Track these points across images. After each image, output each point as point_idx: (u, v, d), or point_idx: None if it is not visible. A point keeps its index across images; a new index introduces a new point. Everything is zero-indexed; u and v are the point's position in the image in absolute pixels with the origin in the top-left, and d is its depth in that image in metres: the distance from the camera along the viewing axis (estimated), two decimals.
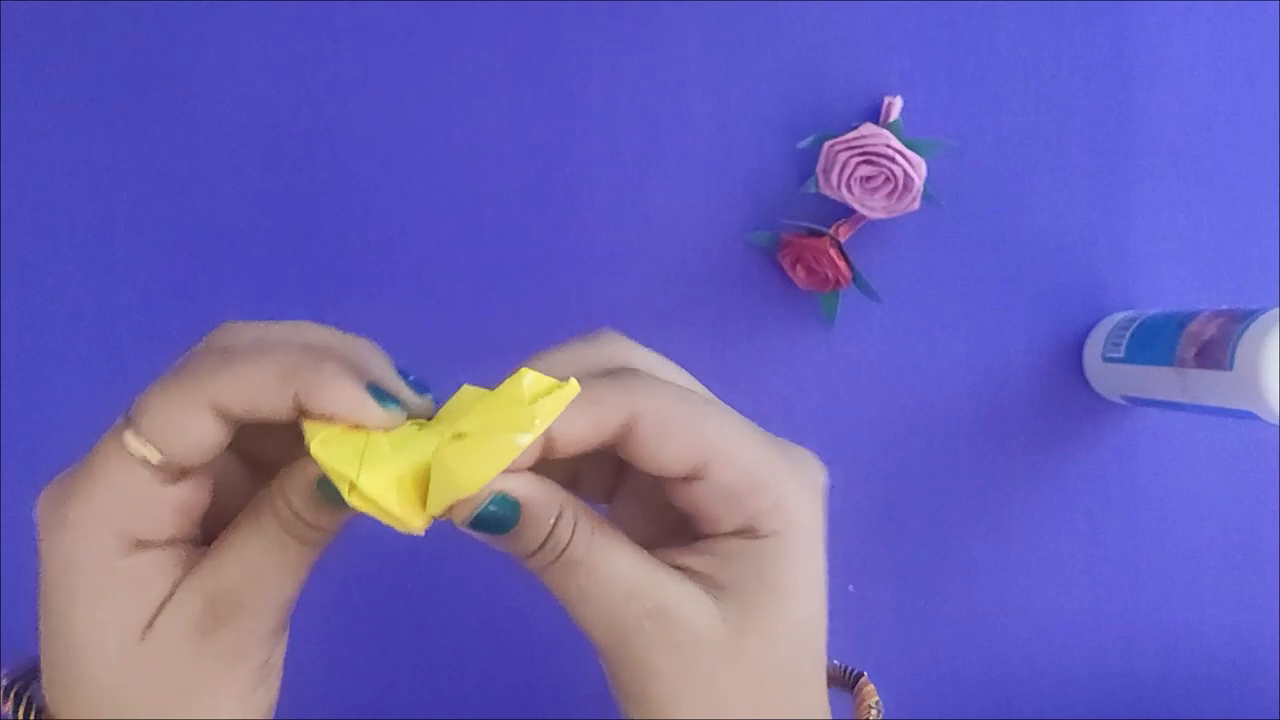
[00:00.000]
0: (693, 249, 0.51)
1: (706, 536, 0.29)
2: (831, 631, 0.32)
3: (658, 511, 0.30)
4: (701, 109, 0.51)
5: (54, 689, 0.28)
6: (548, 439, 0.27)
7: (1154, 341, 0.46)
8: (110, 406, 0.28)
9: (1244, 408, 0.41)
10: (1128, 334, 0.48)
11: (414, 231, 0.50)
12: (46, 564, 0.27)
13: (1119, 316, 0.50)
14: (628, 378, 0.28)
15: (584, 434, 0.27)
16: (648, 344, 0.33)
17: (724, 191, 0.51)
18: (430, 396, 0.29)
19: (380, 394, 0.27)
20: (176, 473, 0.27)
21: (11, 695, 0.29)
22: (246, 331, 0.29)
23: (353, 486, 0.26)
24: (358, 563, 0.49)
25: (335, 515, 0.28)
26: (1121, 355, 0.48)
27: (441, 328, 0.50)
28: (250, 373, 0.26)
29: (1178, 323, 0.45)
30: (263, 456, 0.30)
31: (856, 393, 0.51)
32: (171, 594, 0.27)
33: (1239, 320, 0.42)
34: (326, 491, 0.26)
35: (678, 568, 0.28)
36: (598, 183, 0.51)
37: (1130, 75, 0.52)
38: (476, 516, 0.26)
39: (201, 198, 0.50)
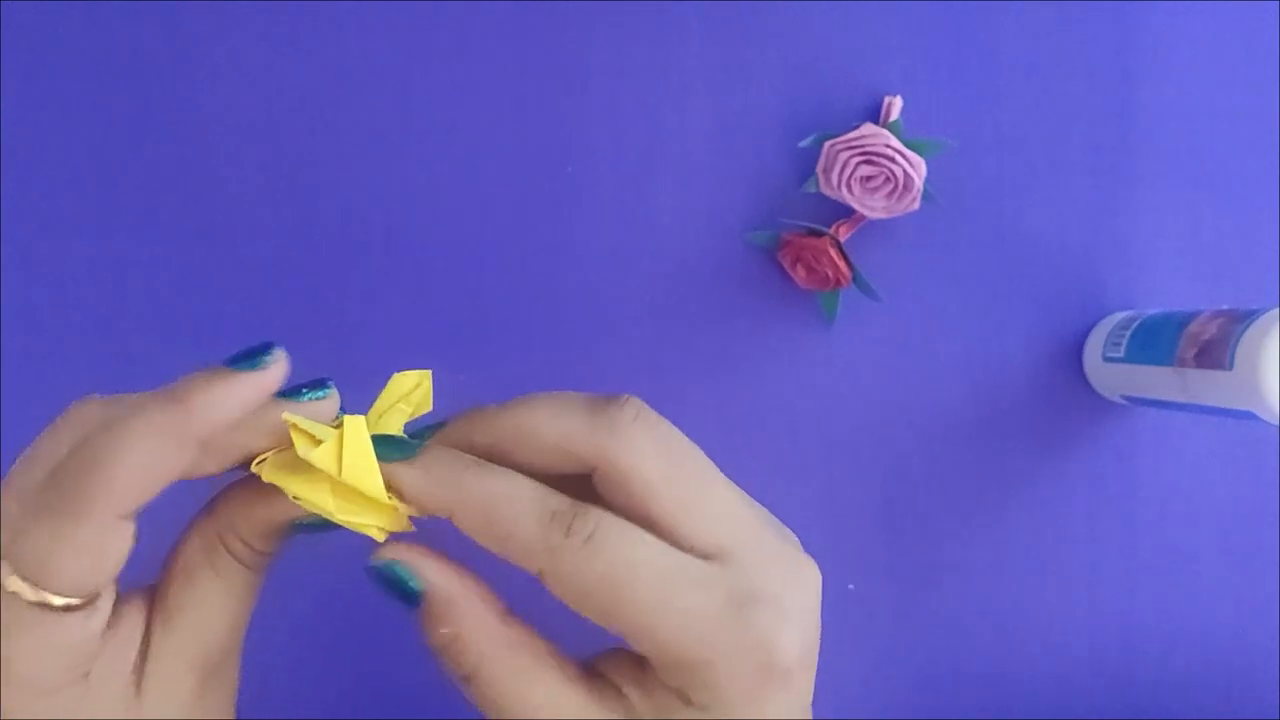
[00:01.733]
0: (693, 248, 0.51)
1: (648, 667, 0.27)
2: (830, 630, 0.32)
3: None
4: (702, 108, 0.51)
5: None
6: (414, 503, 0.26)
7: (1154, 341, 0.46)
8: None
9: (1244, 408, 0.41)
10: (1128, 334, 0.48)
11: (416, 229, 0.50)
12: None
13: (1119, 316, 0.50)
14: (579, 523, 0.25)
15: (493, 548, 0.26)
16: (649, 342, 0.33)
17: (724, 191, 0.51)
18: (332, 388, 0.27)
19: (298, 390, 0.25)
20: (94, 597, 0.24)
21: None
22: (88, 425, 0.25)
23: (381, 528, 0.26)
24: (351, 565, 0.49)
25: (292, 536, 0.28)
26: (1121, 355, 0.48)
27: (442, 325, 0.50)
28: (146, 448, 0.23)
29: (1178, 323, 0.45)
30: None
31: (856, 392, 0.51)
32: (142, 659, 0.26)
33: (1239, 320, 0.42)
34: (306, 529, 0.26)
35: (614, 677, 0.27)
36: (598, 182, 0.51)
37: (1131, 75, 0.52)
38: (373, 569, 0.26)
39: (204, 193, 0.50)
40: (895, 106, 0.50)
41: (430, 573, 0.26)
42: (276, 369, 0.25)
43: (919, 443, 0.51)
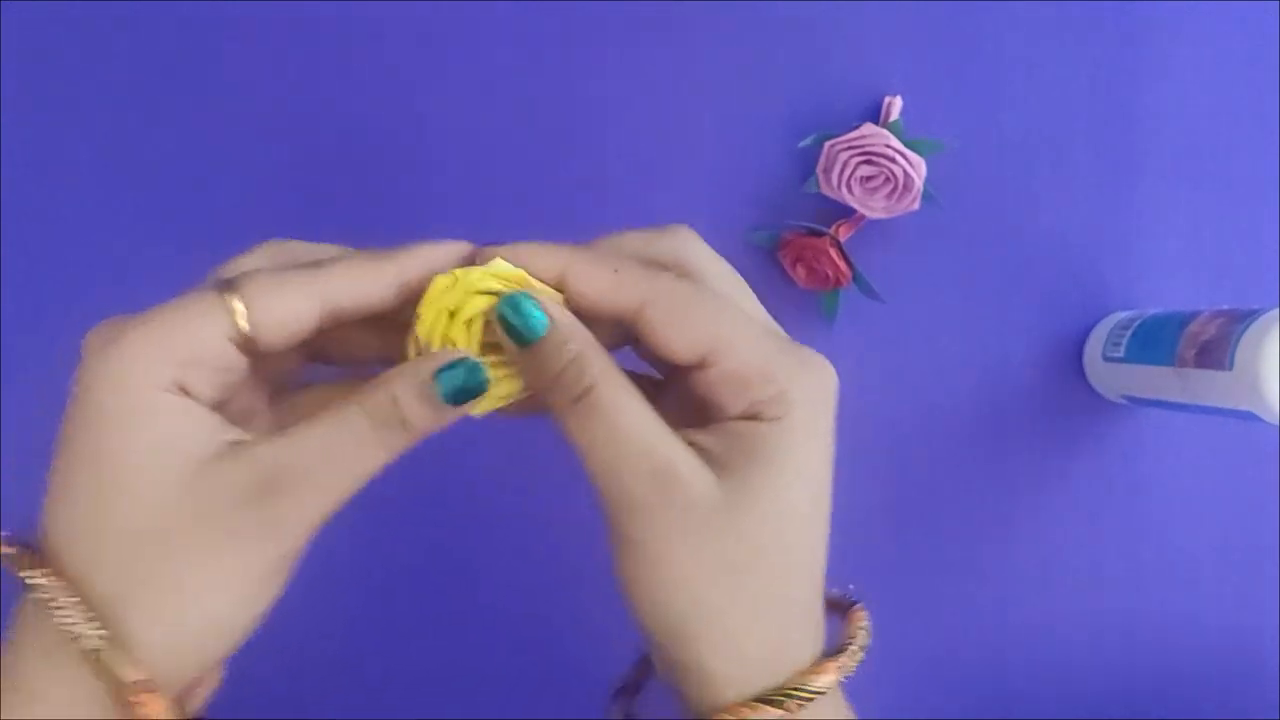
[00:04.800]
0: None
1: (716, 420, 0.30)
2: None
3: (683, 408, 0.31)
4: (704, 109, 0.51)
5: (75, 521, 0.27)
6: (566, 284, 0.30)
7: (1154, 341, 0.46)
8: None
9: (1244, 408, 0.41)
10: (1128, 334, 0.48)
11: (419, 228, 0.50)
12: (89, 385, 0.27)
13: (1120, 316, 0.50)
14: (659, 271, 0.30)
15: (597, 293, 0.30)
16: None
17: (725, 191, 0.51)
18: None
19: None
20: (246, 342, 0.29)
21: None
22: (298, 248, 0.32)
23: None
24: (365, 561, 0.49)
25: (441, 416, 0.29)
26: (1122, 355, 0.48)
27: None
28: (361, 268, 0.30)
29: (1178, 323, 0.45)
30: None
31: (856, 393, 0.51)
32: (223, 452, 0.28)
33: (1239, 320, 0.42)
34: (454, 388, 0.28)
35: (688, 443, 0.30)
36: (600, 182, 0.51)
37: (1130, 75, 0.52)
38: (503, 303, 0.29)
39: (205, 189, 0.50)
40: (895, 106, 0.50)
41: (554, 309, 0.29)
42: (459, 247, 0.33)
43: (920, 443, 0.51)
